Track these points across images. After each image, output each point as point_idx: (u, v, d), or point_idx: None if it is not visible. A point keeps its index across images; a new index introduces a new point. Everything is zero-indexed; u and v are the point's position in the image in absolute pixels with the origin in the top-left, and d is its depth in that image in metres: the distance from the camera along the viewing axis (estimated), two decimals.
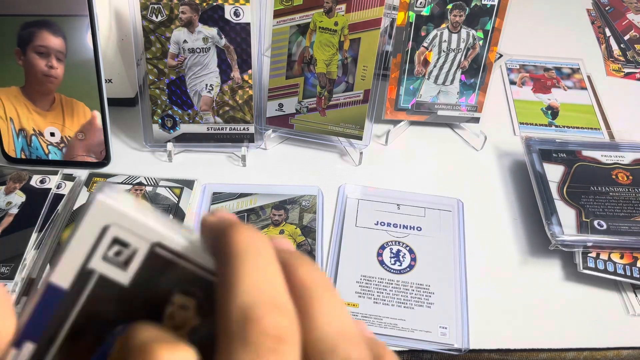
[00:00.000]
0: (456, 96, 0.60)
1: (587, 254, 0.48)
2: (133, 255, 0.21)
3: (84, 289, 0.20)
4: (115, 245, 0.21)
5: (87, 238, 0.20)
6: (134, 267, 0.21)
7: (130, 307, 0.21)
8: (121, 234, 0.20)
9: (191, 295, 0.21)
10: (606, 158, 0.55)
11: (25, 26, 0.51)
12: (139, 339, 0.18)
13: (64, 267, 0.20)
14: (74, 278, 0.20)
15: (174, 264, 0.21)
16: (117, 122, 0.59)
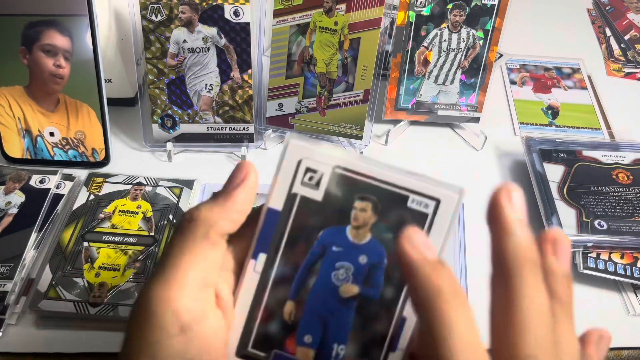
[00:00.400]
0: (456, 96, 0.59)
1: (588, 254, 0.48)
2: (321, 177, 0.29)
3: (292, 208, 0.29)
4: (308, 172, 0.29)
5: (288, 171, 0.29)
6: (324, 186, 0.29)
7: (325, 216, 0.29)
8: (311, 164, 0.29)
9: (367, 200, 0.29)
10: (606, 158, 0.55)
11: (29, 25, 0.51)
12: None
13: (276, 195, 0.29)
14: (284, 202, 0.29)
15: (351, 178, 0.29)
16: (117, 122, 0.59)
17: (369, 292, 0.29)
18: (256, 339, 0.29)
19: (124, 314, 0.43)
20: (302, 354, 0.29)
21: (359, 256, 0.29)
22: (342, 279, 0.29)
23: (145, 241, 0.48)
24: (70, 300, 0.43)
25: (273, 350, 0.29)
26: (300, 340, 0.29)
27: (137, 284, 0.44)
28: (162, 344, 0.24)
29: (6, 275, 0.45)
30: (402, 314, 0.29)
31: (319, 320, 0.29)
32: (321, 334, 0.29)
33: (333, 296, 0.29)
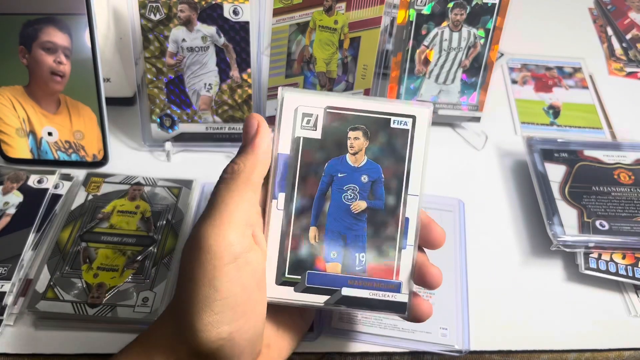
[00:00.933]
0: (457, 95, 0.59)
1: (589, 254, 0.47)
2: (317, 119, 0.35)
3: (298, 149, 0.35)
4: (305, 117, 0.35)
5: (288, 119, 0.35)
6: (320, 125, 0.35)
7: (326, 150, 0.35)
8: (306, 109, 0.35)
9: (358, 129, 0.35)
10: (608, 158, 0.54)
11: (28, 24, 0.50)
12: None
13: (283, 141, 0.35)
14: (290, 145, 0.35)
15: (341, 114, 0.35)
16: (115, 122, 0.59)
17: (375, 204, 0.35)
18: (290, 266, 0.35)
19: (123, 315, 0.43)
20: (332, 269, 0.35)
21: (360, 176, 0.35)
22: (351, 199, 0.35)
23: (143, 241, 0.47)
24: (68, 301, 0.43)
25: (306, 271, 0.35)
26: (327, 257, 0.35)
27: (136, 285, 0.44)
28: (219, 271, 0.30)
29: (4, 275, 0.44)
30: (405, 215, 0.35)
31: (340, 237, 0.35)
32: (343, 249, 0.35)
33: (347, 214, 0.35)
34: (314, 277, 0.35)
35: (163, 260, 0.46)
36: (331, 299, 0.35)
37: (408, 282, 0.35)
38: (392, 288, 0.35)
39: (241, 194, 0.32)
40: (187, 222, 0.50)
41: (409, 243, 0.35)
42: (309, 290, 0.35)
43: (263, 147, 0.34)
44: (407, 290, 0.35)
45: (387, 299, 0.35)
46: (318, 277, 0.35)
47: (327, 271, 0.35)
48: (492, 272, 0.49)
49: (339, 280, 0.35)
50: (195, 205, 0.52)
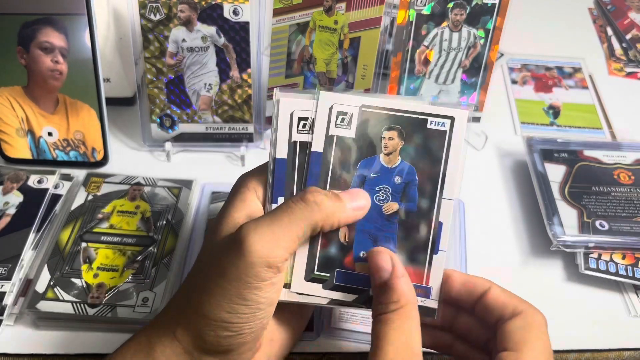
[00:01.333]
0: (457, 95, 0.59)
1: (589, 254, 0.47)
2: (351, 118, 0.35)
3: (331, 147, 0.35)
4: (340, 115, 0.35)
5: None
6: (354, 124, 0.35)
7: (360, 149, 0.35)
8: (341, 108, 0.35)
9: (393, 129, 0.35)
10: (608, 158, 0.54)
11: (25, 25, 0.50)
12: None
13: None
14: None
15: (377, 113, 0.34)
16: (115, 122, 0.59)
17: (407, 206, 0.35)
18: (320, 263, 0.35)
19: (123, 315, 0.43)
20: (360, 268, 0.35)
21: (393, 177, 0.35)
22: (383, 199, 0.35)
23: (143, 242, 0.47)
24: (68, 301, 0.43)
25: (335, 269, 0.35)
26: (357, 256, 0.35)
27: (135, 285, 0.44)
28: (251, 287, 0.30)
29: (4, 275, 0.44)
30: (439, 219, 0.34)
31: (370, 238, 0.35)
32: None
33: (378, 215, 0.35)
34: (342, 275, 0.35)
35: (163, 261, 0.46)
36: (359, 298, 0.34)
37: (439, 287, 0.35)
38: (421, 293, 0.35)
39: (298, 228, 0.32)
40: (187, 222, 0.50)
41: (442, 248, 0.35)
42: (337, 288, 0.35)
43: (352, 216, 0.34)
44: (437, 296, 0.35)
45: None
46: (347, 276, 0.35)
47: (356, 270, 0.35)
48: (492, 272, 0.48)
49: (368, 280, 0.34)
50: (195, 205, 0.52)
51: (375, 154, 0.35)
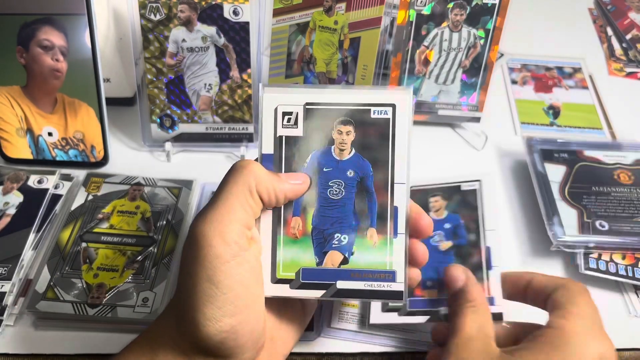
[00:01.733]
0: (457, 95, 0.59)
1: (589, 254, 0.47)
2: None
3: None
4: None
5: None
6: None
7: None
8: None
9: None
10: (608, 158, 0.54)
11: (25, 25, 0.50)
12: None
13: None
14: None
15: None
16: (115, 122, 0.59)
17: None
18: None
19: (123, 315, 0.43)
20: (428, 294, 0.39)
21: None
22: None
23: (143, 242, 0.47)
24: (68, 301, 0.43)
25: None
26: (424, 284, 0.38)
27: (135, 285, 0.44)
28: (219, 269, 0.30)
29: (4, 276, 0.44)
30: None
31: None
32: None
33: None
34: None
35: (163, 261, 0.46)
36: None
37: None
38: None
39: (245, 197, 0.32)
40: (187, 222, 0.50)
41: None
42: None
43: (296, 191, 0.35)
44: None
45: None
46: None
47: (426, 297, 0.38)
48: None
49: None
50: (195, 205, 0.52)
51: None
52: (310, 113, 0.35)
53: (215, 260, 0.30)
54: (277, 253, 0.35)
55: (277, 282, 0.35)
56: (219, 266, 0.30)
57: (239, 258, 0.31)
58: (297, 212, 0.35)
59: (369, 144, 0.35)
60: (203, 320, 0.30)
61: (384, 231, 0.35)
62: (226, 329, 0.31)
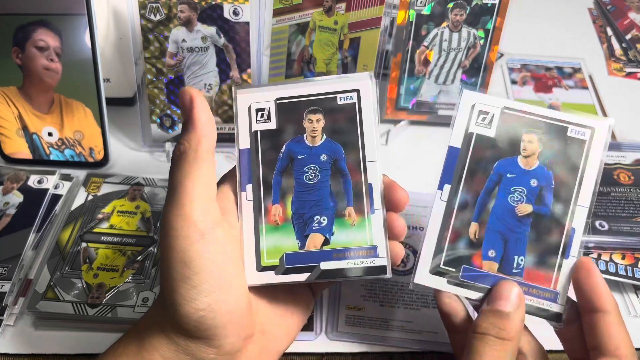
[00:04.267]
0: (457, 96, 0.59)
1: (589, 254, 0.47)
2: (492, 117, 0.36)
3: (469, 144, 0.36)
4: (481, 114, 0.37)
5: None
6: (495, 124, 0.36)
7: (498, 149, 0.36)
8: (483, 107, 0.37)
9: (533, 133, 0.36)
10: (608, 158, 0.54)
11: (21, 26, 0.50)
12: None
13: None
14: (462, 140, 0.37)
15: (518, 116, 0.37)
16: (115, 122, 0.59)
17: (541, 209, 0.36)
18: (447, 257, 0.36)
19: (123, 315, 0.43)
20: (488, 267, 0.36)
21: (530, 180, 0.36)
22: (517, 200, 0.36)
23: (143, 242, 0.47)
24: (68, 301, 0.43)
25: (462, 265, 0.35)
26: (485, 255, 0.36)
27: (135, 285, 0.44)
28: (188, 250, 0.31)
29: (4, 276, 0.45)
30: (572, 225, 0.35)
31: (500, 237, 0.36)
32: (503, 249, 0.35)
33: (511, 215, 0.36)
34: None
35: None
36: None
37: (566, 292, 0.35)
38: (549, 297, 0.35)
39: (194, 172, 0.32)
40: None
41: (572, 254, 0.35)
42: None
43: (202, 120, 0.33)
44: (564, 301, 0.35)
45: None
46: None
47: (483, 269, 0.35)
48: None
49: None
50: None
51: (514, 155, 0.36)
52: (281, 107, 0.37)
53: (183, 242, 0.31)
54: (260, 241, 0.36)
55: (262, 270, 0.35)
56: (188, 247, 0.31)
57: (208, 236, 0.32)
58: (277, 199, 0.36)
59: (339, 129, 0.37)
60: (179, 300, 0.31)
61: (361, 209, 0.36)
62: (202, 307, 0.31)
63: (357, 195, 0.36)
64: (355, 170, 0.36)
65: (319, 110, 0.37)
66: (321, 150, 0.37)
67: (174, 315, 0.31)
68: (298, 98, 0.37)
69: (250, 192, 0.36)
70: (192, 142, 0.33)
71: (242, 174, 0.36)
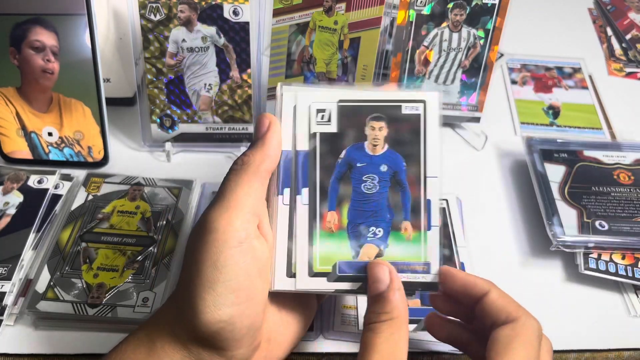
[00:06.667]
0: (457, 96, 0.59)
1: (589, 254, 0.48)
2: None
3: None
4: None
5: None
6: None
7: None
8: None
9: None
10: (608, 158, 0.54)
11: (17, 25, 0.50)
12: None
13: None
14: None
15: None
16: (115, 122, 0.59)
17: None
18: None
19: (123, 315, 0.43)
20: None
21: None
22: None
23: (143, 242, 0.47)
24: (68, 301, 0.43)
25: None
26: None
27: (135, 285, 0.44)
28: (224, 253, 0.31)
29: (4, 276, 0.45)
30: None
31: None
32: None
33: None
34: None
35: (163, 261, 0.46)
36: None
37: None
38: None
39: (249, 184, 0.33)
40: (187, 222, 0.50)
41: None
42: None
43: (273, 143, 0.34)
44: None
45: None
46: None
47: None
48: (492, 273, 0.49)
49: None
50: (195, 205, 0.52)
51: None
52: (343, 110, 0.36)
53: (222, 245, 0.31)
54: (314, 247, 0.35)
55: (315, 276, 0.35)
56: (225, 250, 0.31)
57: (245, 245, 0.31)
58: (333, 206, 0.36)
59: (401, 139, 0.36)
60: (202, 307, 0.30)
61: (417, 224, 0.36)
62: (224, 318, 0.30)
63: (414, 210, 0.36)
64: (415, 184, 0.36)
65: (382, 118, 0.36)
66: (382, 160, 0.36)
67: (192, 321, 0.31)
68: (361, 102, 0.36)
69: (307, 196, 0.36)
70: (257, 157, 0.34)
71: (297, 177, 0.36)
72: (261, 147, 0.34)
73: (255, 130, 0.36)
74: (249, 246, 0.32)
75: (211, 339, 0.31)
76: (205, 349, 0.32)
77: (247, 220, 0.32)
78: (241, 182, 0.33)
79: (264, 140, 0.34)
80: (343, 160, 0.36)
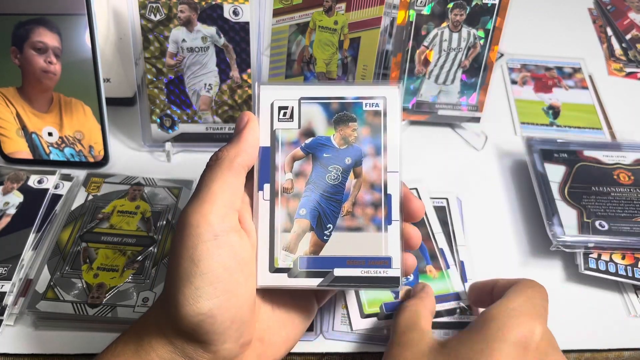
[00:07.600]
0: (457, 96, 0.59)
1: (589, 254, 0.48)
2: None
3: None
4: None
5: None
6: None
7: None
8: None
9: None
10: (608, 158, 0.54)
11: (19, 25, 0.50)
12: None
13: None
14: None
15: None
16: (115, 122, 0.59)
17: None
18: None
19: (123, 315, 0.43)
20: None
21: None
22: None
23: (144, 242, 0.47)
24: (68, 301, 0.43)
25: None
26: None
27: (135, 285, 0.44)
28: (199, 247, 0.31)
29: (4, 276, 0.45)
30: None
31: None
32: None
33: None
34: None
35: (163, 261, 0.46)
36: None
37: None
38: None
39: (223, 178, 0.33)
40: None
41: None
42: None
43: (248, 139, 0.35)
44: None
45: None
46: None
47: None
48: (492, 273, 0.49)
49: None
50: None
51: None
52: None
53: (196, 239, 0.31)
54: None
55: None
56: (200, 244, 0.31)
57: (221, 238, 0.32)
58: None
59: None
60: (182, 300, 0.31)
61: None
62: (203, 311, 0.31)
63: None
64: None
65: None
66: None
67: (174, 315, 0.31)
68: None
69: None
70: (230, 152, 0.34)
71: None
72: (236, 143, 0.35)
73: (235, 128, 0.36)
74: (225, 240, 0.32)
75: (193, 332, 0.31)
76: (189, 343, 0.32)
77: (222, 214, 0.32)
78: (215, 177, 0.33)
79: (239, 136, 0.35)
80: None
